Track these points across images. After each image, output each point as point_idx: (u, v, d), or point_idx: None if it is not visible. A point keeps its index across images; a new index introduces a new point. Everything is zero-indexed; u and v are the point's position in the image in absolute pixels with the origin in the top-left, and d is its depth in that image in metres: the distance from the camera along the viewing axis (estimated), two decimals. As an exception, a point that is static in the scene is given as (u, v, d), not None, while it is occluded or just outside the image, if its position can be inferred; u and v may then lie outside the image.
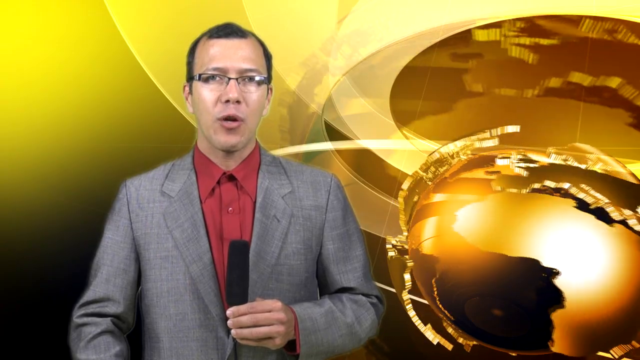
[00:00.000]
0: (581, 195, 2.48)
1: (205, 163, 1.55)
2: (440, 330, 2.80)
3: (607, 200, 2.46)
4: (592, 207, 2.47)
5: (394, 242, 2.92)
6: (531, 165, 2.59)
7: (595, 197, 2.47)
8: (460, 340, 2.76)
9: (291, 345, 1.46)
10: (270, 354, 1.48)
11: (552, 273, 2.45)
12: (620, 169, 2.60)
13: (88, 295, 1.56)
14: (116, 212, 1.58)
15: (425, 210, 2.77)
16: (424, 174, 2.84)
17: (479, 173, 2.68)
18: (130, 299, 1.56)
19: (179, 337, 1.49)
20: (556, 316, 2.46)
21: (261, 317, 1.38)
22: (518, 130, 2.74)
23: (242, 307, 1.37)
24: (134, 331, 1.62)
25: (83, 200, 3.18)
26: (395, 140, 3.09)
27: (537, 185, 2.52)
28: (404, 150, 3.06)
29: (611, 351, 2.53)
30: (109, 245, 1.56)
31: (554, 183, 2.51)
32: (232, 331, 1.38)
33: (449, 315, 2.72)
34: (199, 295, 1.48)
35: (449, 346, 2.79)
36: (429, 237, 2.71)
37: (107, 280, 1.55)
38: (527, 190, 2.52)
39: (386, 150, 3.13)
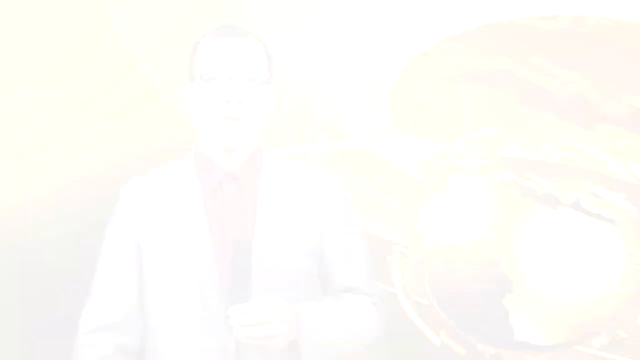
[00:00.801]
0: (577, 195, 2.49)
1: (206, 163, 1.55)
2: (450, 334, 2.80)
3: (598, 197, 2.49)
4: (586, 206, 2.48)
5: (402, 249, 2.92)
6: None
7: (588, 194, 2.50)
8: (479, 347, 2.76)
9: (293, 345, 1.45)
10: (272, 353, 1.47)
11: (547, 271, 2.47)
12: (620, 169, 2.61)
13: (91, 303, 1.55)
14: (116, 215, 1.57)
15: (421, 212, 2.77)
16: (426, 178, 2.85)
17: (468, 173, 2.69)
18: (134, 303, 1.54)
19: (181, 337, 1.49)
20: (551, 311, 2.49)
21: (264, 316, 1.38)
22: (497, 132, 2.75)
23: (245, 307, 1.38)
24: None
25: (83, 201, 3.17)
26: (395, 140, 3.10)
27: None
28: (404, 151, 3.06)
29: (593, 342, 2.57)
30: (110, 250, 1.56)
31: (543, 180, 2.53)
32: (235, 330, 1.38)
33: (447, 317, 2.72)
34: (202, 296, 1.48)
35: (462, 351, 2.79)
36: (425, 239, 2.71)
37: (109, 286, 1.53)
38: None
39: (386, 151, 3.13)
